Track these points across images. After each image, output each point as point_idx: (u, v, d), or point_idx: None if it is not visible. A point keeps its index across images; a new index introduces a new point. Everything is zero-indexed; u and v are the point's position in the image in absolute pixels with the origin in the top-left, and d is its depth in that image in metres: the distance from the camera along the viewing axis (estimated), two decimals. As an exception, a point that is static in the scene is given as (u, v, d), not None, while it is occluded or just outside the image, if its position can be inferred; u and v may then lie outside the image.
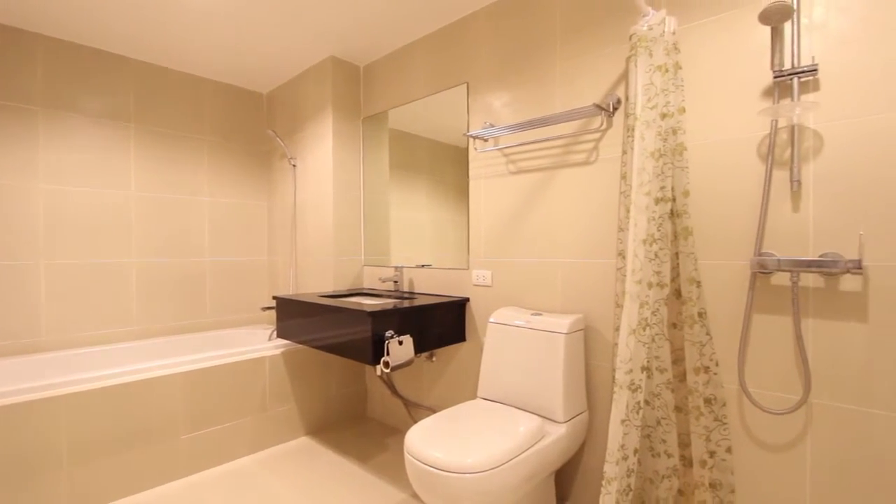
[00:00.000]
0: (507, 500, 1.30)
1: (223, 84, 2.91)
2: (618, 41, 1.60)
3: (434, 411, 2.28)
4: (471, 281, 2.09)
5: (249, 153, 3.05)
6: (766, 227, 1.30)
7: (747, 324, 1.32)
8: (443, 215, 2.23)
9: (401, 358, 1.76)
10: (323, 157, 2.60)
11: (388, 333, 1.76)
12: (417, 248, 2.36)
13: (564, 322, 1.57)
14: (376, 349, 1.74)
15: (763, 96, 1.30)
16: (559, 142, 1.77)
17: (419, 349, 1.91)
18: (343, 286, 2.59)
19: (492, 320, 1.78)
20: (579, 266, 1.71)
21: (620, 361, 1.24)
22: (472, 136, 1.96)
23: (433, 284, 2.27)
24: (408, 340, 1.80)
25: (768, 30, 1.29)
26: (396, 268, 2.37)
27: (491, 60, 2.00)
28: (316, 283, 2.67)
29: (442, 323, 2.01)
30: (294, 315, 2.18)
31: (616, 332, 1.54)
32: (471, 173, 2.09)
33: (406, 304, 1.89)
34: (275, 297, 2.31)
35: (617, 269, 1.53)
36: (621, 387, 1.23)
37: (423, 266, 2.32)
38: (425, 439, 1.35)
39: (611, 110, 1.60)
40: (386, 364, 1.72)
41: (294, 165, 2.83)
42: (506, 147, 1.90)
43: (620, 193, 1.53)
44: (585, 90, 1.69)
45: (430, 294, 2.26)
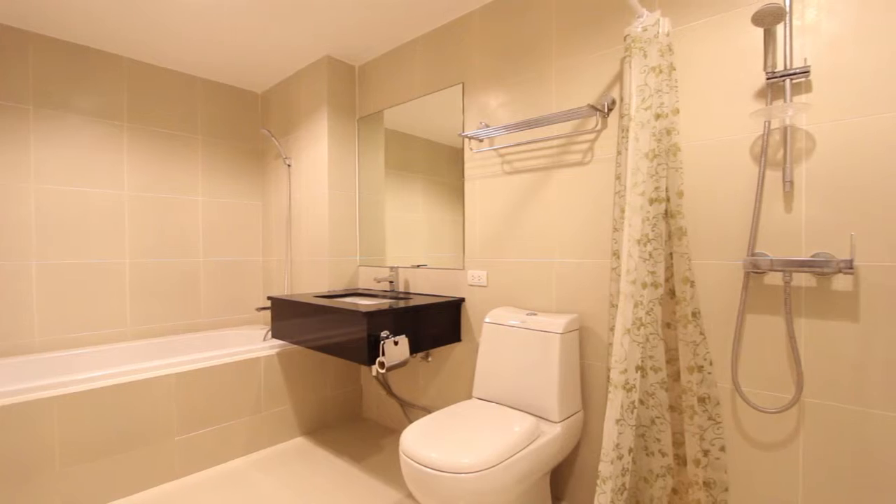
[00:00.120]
0: (503, 500, 1.30)
1: (217, 83, 2.90)
2: (613, 42, 1.61)
3: (429, 411, 2.28)
4: (466, 281, 2.10)
5: (244, 152, 3.04)
6: (759, 228, 1.31)
7: (740, 323, 1.33)
8: (438, 215, 2.23)
9: (396, 358, 1.76)
10: (318, 157, 2.60)
11: (384, 334, 1.76)
12: (413, 249, 2.36)
13: (559, 322, 1.58)
14: (372, 349, 1.74)
15: (756, 97, 1.31)
16: (554, 142, 1.77)
17: (414, 349, 1.91)
18: (338, 286, 2.58)
19: (487, 320, 1.78)
20: (574, 266, 1.72)
21: (615, 361, 1.25)
22: (468, 137, 1.96)
23: (429, 285, 2.27)
24: (403, 341, 1.79)
25: (761, 32, 1.30)
26: (392, 268, 2.37)
27: (486, 61, 2.01)
28: (311, 284, 2.66)
29: (437, 323, 2.01)
30: (289, 315, 2.17)
31: (611, 332, 1.55)
32: (466, 173, 2.10)
33: (401, 305, 1.89)
34: (270, 298, 2.31)
35: (612, 269, 1.54)
36: (616, 386, 1.24)
37: (419, 266, 2.32)
38: (420, 439, 1.35)
39: (606, 111, 1.61)
40: (381, 364, 1.72)
41: (289, 165, 2.82)
42: (501, 147, 1.91)
43: (615, 194, 1.54)
44: (580, 91, 1.70)
45: (426, 294, 2.26)
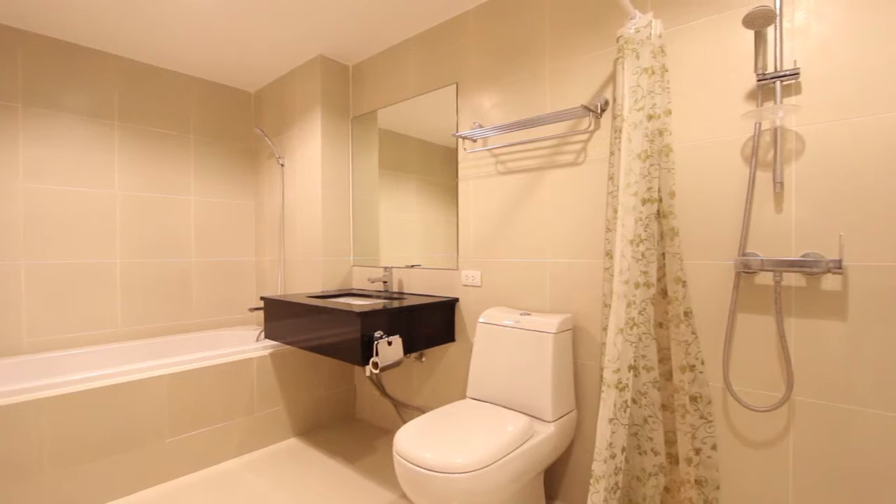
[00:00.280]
0: (496, 500, 1.30)
1: (210, 82, 2.88)
2: (606, 43, 1.62)
3: (423, 412, 2.27)
4: (460, 281, 2.10)
5: (237, 152, 3.02)
6: (750, 228, 1.32)
7: (732, 323, 1.34)
8: (432, 215, 2.23)
9: (390, 358, 1.75)
10: (311, 157, 2.59)
11: (378, 334, 1.75)
12: (407, 249, 2.36)
13: (553, 322, 1.58)
14: (365, 350, 1.74)
15: (747, 99, 1.32)
16: (548, 142, 1.78)
17: (408, 349, 1.91)
18: (332, 287, 2.57)
19: (481, 320, 1.78)
20: (568, 266, 1.72)
21: (608, 360, 1.25)
22: (461, 137, 1.96)
23: (423, 285, 2.27)
24: (397, 341, 1.79)
25: (752, 34, 1.31)
26: (386, 268, 2.37)
27: (480, 61, 2.01)
28: (304, 284, 2.65)
29: (431, 323, 2.01)
30: (282, 316, 2.16)
31: (604, 332, 1.55)
32: (460, 174, 2.10)
33: (395, 305, 1.88)
34: (263, 298, 2.29)
35: (605, 269, 1.55)
36: (609, 385, 1.24)
37: (413, 266, 2.32)
38: (414, 440, 1.35)
39: (599, 112, 1.62)
40: (375, 365, 1.71)
41: (282, 165, 2.81)
42: (495, 147, 1.91)
43: (608, 194, 1.55)
44: (574, 91, 1.70)
45: (420, 294, 2.26)
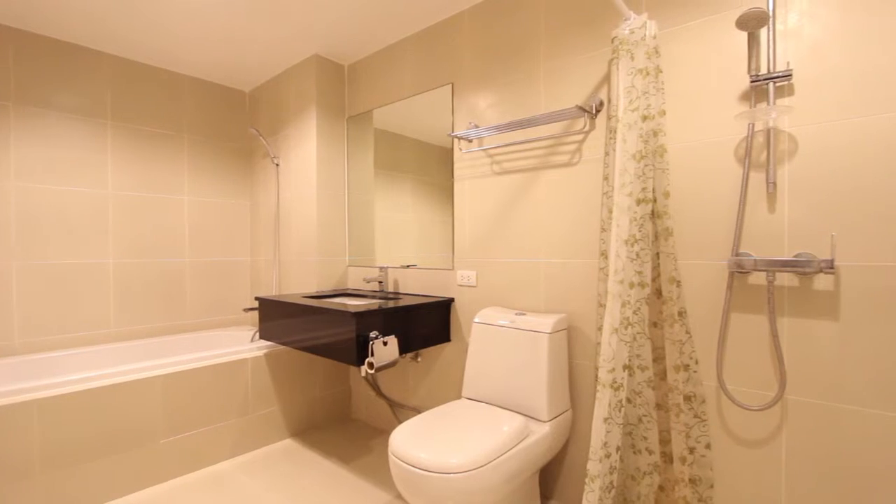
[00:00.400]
0: (491, 500, 1.30)
1: (204, 81, 2.86)
2: (600, 44, 1.62)
3: (419, 412, 2.27)
4: (456, 281, 2.10)
5: (231, 151, 3.00)
6: (744, 228, 1.33)
7: (725, 322, 1.34)
8: (428, 215, 2.23)
9: (385, 358, 1.75)
10: (307, 157, 2.58)
11: (373, 334, 1.75)
12: (402, 249, 2.35)
13: (548, 321, 1.59)
14: (361, 350, 1.73)
15: (740, 100, 1.33)
16: (543, 143, 1.78)
17: (404, 349, 1.91)
18: (327, 287, 2.57)
19: (476, 320, 1.79)
20: (563, 266, 1.73)
21: (603, 360, 1.26)
22: (457, 137, 1.96)
23: (418, 285, 2.27)
24: (392, 341, 1.79)
25: (745, 35, 1.32)
26: (381, 268, 2.36)
27: (476, 61, 2.01)
28: (299, 284, 2.64)
29: (427, 323, 2.01)
30: (277, 316, 2.16)
31: (599, 331, 1.56)
32: (455, 174, 2.10)
33: (391, 305, 1.88)
34: (257, 298, 2.28)
35: (600, 269, 1.55)
36: (604, 385, 1.25)
37: (408, 266, 2.31)
38: (410, 440, 1.35)
39: (593, 112, 1.62)
40: (370, 365, 1.71)
41: (277, 164, 2.80)
42: (490, 148, 1.91)
43: (603, 194, 1.55)
44: (569, 92, 1.71)
45: (415, 294, 2.26)
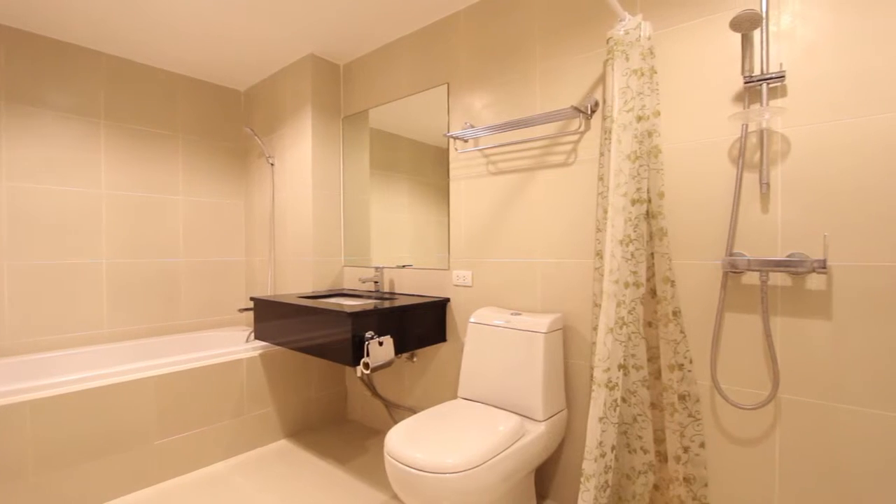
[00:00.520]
0: (487, 499, 1.30)
1: (199, 80, 2.85)
2: (595, 45, 1.63)
3: (415, 412, 2.27)
4: (451, 281, 2.10)
5: (226, 151, 2.99)
6: (737, 228, 1.34)
7: (719, 322, 1.35)
8: (423, 216, 2.22)
9: (381, 359, 1.75)
10: (302, 156, 2.57)
11: (369, 334, 1.75)
12: (398, 249, 2.35)
13: (543, 321, 1.59)
14: (356, 350, 1.73)
15: (734, 101, 1.34)
16: (538, 143, 1.79)
17: (400, 350, 1.91)
18: (322, 287, 2.56)
19: (472, 320, 1.79)
20: (558, 266, 1.73)
21: (598, 360, 1.26)
22: (453, 137, 1.96)
23: (414, 285, 2.27)
24: (388, 341, 1.79)
25: (739, 37, 1.33)
26: (377, 268, 2.36)
27: (471, 61, 2.01)
28: (295, 284, 2.63)
29: (422, 323, 2.01)
30: (272, 316, 2.15)
31: (594, 331, 1.56)
32: (451, 174, 2.10)
33: (386, 305, 1.88)
34: (252, 299, 2.27)
35: (595, 269, 1.56)
36: (599, 385, 1.25)
37: (404, 266, 2.31)
38: (405, 440, 1.34)
39: (589, 112, 1.63)
40: (366, 365, 1.71)
41: (272, 164, 2.79)
42: (486, 148, 1.91)
43: (598, 194, 1.56)
44: (564, 92, 1.71)
45: (411, 294, 2.26)
